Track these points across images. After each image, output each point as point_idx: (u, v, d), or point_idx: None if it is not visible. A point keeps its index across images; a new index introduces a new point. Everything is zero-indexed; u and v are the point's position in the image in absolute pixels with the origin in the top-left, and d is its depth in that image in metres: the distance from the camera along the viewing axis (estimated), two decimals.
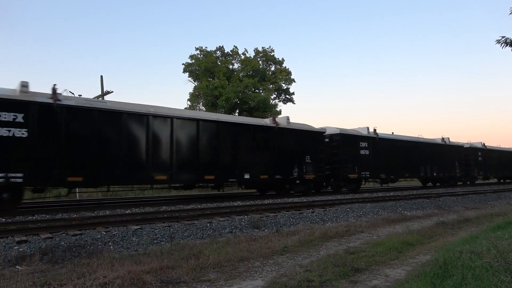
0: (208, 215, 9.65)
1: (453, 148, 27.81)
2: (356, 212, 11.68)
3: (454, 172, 27.31)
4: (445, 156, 26.51)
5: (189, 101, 35.57)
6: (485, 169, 30.95)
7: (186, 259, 5.51)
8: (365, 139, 20.66)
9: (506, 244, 4.52)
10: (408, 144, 24.05)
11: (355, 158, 19.70)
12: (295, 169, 16.50)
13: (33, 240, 6.62)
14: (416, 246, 6.73)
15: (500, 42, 9.54)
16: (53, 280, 4.41)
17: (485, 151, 31.20)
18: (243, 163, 14.69)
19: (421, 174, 24.48)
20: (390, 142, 22.66)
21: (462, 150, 28.85)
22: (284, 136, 16.39)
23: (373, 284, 4.42)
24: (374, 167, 20.77)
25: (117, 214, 9.83)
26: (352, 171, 19.43)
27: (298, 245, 6.80)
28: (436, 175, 25.65)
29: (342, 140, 19.25)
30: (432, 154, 25.31)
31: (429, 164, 24.90)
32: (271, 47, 38.13)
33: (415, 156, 23.96)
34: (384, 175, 21.73)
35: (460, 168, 27.88)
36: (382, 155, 21.39)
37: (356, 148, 19.92)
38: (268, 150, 15.66)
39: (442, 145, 26.88)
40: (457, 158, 27.76)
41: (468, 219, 10.54)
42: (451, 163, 27.22)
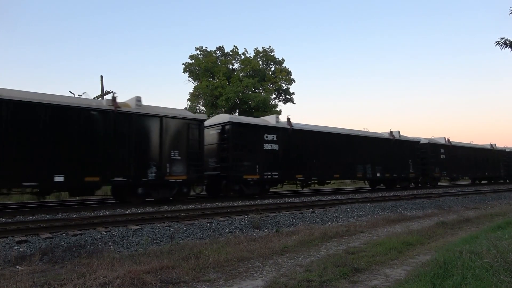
0: (208, 215, 9.65)
1: (405, 143, 23.37)
2: (356, 212, 11.68)
3: (406, 172, 23.06)
4: (394, 154, 22.31)
5: (189, 101, 35.62)
6: (450, 168, 26.72)
7: (186, 259, 5.51)
8: (273, 130, 16.22)
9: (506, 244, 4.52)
10: (337, 138, 19.32)
11: (256, 154, 15.42)
12: (151, 169, 12.46)
13: (33, 240, 6.62)
14: (416, 246, 6.72)
15: (500, 44, 9.56)
16: (53, 280, 4.41)
17: (450, 148, 27.15)
18: None
19: (357, 175, 20.08)
20: (311, 135, 17.88)
21: (418, 147, 24.68)
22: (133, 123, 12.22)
23: (373, 284, 4.42)
24: (287, 167, 16.47)
25: (117, 214, 9.83)
26: (251, 171, 15.18)
27: (298, 245, 6.80)
28: (381, 176, 21.41)
29: (236, 130, 14.83)
30: (375, 150, 21.12)
31: (371, 163, 20.70)
32: (271, 47, 38.24)
33: (349, 153, 19.60)
34: (302, 176, 17.20)
35: (415, 167, 23.71)
36: (299, 151, 17.16)
37: (258, 141, 15.58)
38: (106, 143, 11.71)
39: (389, 140, 22.34)
40: (411, 156, 23.54)
41: (468, 219, 10.53)
42: (403, 161, 22.97)
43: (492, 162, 32.23)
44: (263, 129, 16.03)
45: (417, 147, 24.52)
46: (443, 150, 26.53)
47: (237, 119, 15.65)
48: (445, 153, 26.58)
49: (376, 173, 21.13)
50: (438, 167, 25.79)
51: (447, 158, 26.61)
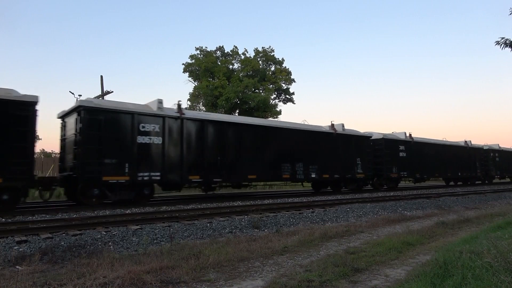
0: (208, 215, 9.66)
1: (351, 139, 19.67)
2: (356, 212, 11.68)
3: (353, 173, 19.43)
4: (336, 150, 18.76)
5: (189, 101, 35.62)
6: (412, 168, 23.38)
7: (186, 259, 5.51)
8: (152, 119, 12.87)
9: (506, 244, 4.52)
10: (253, 130, 15.73)
11: (124, 149, 12.13)
12: None
13: (33, 240, 6.62)
14: (416, 246, 6.72)
15: (500, 43, 9.57)
16: (53, 280, 4.41)
17: (412, 144, 23.79)
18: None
19: (283, 175, 16.53)
20: (215, 127, 14.56)
21: (368, 143, 20.70)
22: None
23: (373, 284, 4.42)
24: (177, 165, 13.31)
25: (117, 214, 9.83)
26: (115, 171, 11.87)
27: (298, 245, 6.80)
28: (317, 177, 17.85)
29: (91, 118, 11.62)
30: (309, 147, 17.60)
31: (303, 161, 17.21)
32: (271, 47, 38.19)
33: (270, 149, 16.11)
34: (199, 177, 13.84)
35: (366, 167, 20.06)
36: (196, 146, 13.90)
37: (127, 132, 12.26)
38: None
39: (328, 135, 18.65)
40: (359, 154, 19.89)
41: (468, 219, 10.53)
42: (348, 160, 19.16)
43: (467, 161, 29.11)
44: (137, 117, 12.46)
45: (367, 143, 20.64)
46: (402, 147, 23.01)
47: (91, 103, 11.92)
48: (406, 150, 23.12)
49: (310, 174, 17.35)
50: (396, 167, 22.12)
51: (408, 156, 23.13)
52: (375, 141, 21.79)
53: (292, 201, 13.80)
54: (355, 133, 20.26)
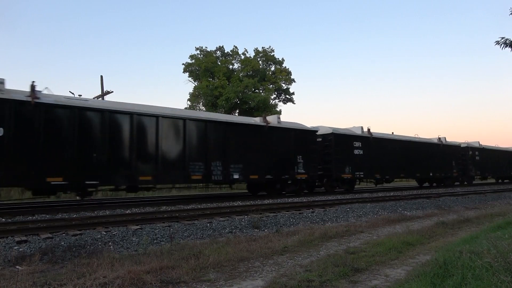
0: (208, 215, 9.66)
1: (287, 133, 16.60)
2: (356, 212, 11.68)
3: (292, 173, 16.39)
4: (265, 147, 15.71)
5: (189, 101, 35.64)
6: (370, 167, 20.61)
7: (186, 259, 5.51)
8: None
9: (506, 244, 4.52)
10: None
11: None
12: None
13: (33, 240, 6.62)
14: (416, 246, 6.73)
15: (500, 43, 9.58)
16: (53, 280, 4.41)
17: (370, 141, 20.68)
18: None
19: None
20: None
21: (313, 138, 17.76)
22: None
23: (373, 284, 4.42)
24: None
25: (117, 214, 9.84)
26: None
27: (298, 245, 6.80)
28: (241, 177, 14.84)
29: None
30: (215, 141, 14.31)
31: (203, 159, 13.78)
32: (271, 47, 38.20)
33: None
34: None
35: (310, 167, 17.02)
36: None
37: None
38: None
39: (246, 127, 15.38)
40: (300, 151, 16.84)
41: (468, 219, 10.53)
42: (284, 159, 16.31)
43: (441, 160, 26.09)
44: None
45: (312, 138, 17.67)
46: (358, 143, 20.06)
47: None
48: (363, 147, 20.18)
49: (232, 174, 14.36)
50: (350, 166, 19.30)
51: (365, 154, 20.22)
52: (324, 136, 18.83)
53: (292, 201, 13.80)
54: (296, 127, 17.14)
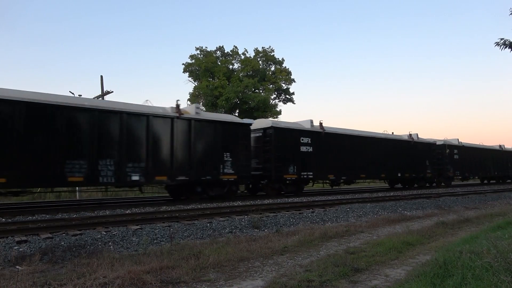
0: (208, 215, 9.66)
1: (208, 126, 14.16)
2: (356, 212, 11.68)
3: (216, 174, 14.01)
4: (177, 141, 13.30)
5: (189, 101, 35.64)
6: (323, 167, 17.92)
7: (186, 259, 5.51)
8: None
9: (506, 244, 4.52)
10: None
11: None
12: None
13: (33, 240, 6.62)
14: (416, 246, 6.73)
15: (499, 44, 9.61)
16: (53, 280, 4.41)
17: (322, 136, 18.06)
18: None
19: None
20: None
21: (243, 132, 15.17)
22: None
23: (373, 284, 4.42)
24: None
25: (117, 214, 9.84)
26: None
27: (298, 245, 6.80)
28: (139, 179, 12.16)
29: None
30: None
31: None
32: (271, 47, 38.26)
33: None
34: None
35: (238, 166, 14.64)
36: None
37: None
38: None
39: (134, 117, 12.30)
40: (226, 147, 14.49)
41: (468, 219, 10.53)
42: (207, 156, 13.94)
43: (413, 159, 23.60)
44: None
45: (244, 133, 15.13)
46: (307, 140, 17.39)
47: None
48: (313, 143, 17.50)
49: (129, 175, 11.87)
50: (295, 166, 16.61)
51: (315, 152, 17.57)
52: (265, 131, 16.32)
53: (292, 201, 13.81)
54: (222, 119, 14.87)
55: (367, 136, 21.02)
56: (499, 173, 33.12)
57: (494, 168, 32.00)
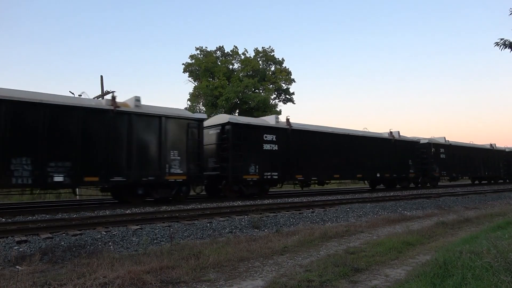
0: (208, 215, 9.66)
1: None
2: (356, 212, 11.68)
3: (161, 174, 12.57)
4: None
5: (189, 101, 35.66)
6: (287, 166, 16.32)
7: (186, 259, 5.51)
8: None
9: (506, 244, 4.52)
10: None
11: None
12: None
13: (33, 240, 6.62)
14: (416, 246, 6.72)
15: (499, 44, 9.62)
16: (53, 280, 4.41)
17: (289, 133, 16.57)
18: None
19: None
20: None
21: (185, 124, 13.43)
22: None
23: (373, 284, 4.42)
24: None
25: (117, 214, 9.83)
26: None
27: (298, 245, 6.80)
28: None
29: None
30: None
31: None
32: (271, 47, 38.29)
33: None
34: None
35: (186, 164, 13.18)
36: None
37: None
38: None
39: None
40: (177, 145, 13.12)
41: (468, 219, 10.53)
42: (161, 155, 12.67)
43: (394, 158, 21.93)
44: None
45: (194, 129, 13.68)
46: (271, 137, 15.86)
47: None
48: (278, 141, 16.06)
49: (51, 176, 10.53)
50: (256, 165, 15.23)
51: (281, 150, 16.11)
52: (223, 127, 15.12)
53: (292, 201, 13.81)
54: (167, 113, 13.15)
55: (341, 134, 19.54)
56: (490, 173, 31.80)
57: (485, 168, 30.83)
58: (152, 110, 12.90)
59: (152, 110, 12.89)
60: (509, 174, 34.29)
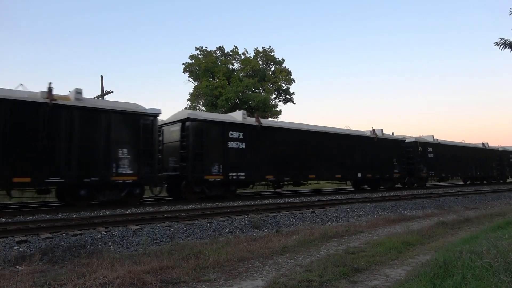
0: (208, 215, 9.66)
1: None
2: (356, 212, 11.68)
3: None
4: None
5: (189, 101, 35.65)
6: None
7: (186, 259, 5.51)
8: None
9: (506, 244, 4.52)
10: None
11: None
12: None
13: (33, 240, 6.62)
14: (416, 246, 6.72)
15: (499, 44, 9.64)
16: (53, 280, 4.41)
17: (257, 129, 15.45)
18: None
19: None
20: None
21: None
22: None
23: (373, 284, 4.42)
24: None
25: (117, 214, 9.84)
26: None
27: (298, 245, 6.80)
28: None
29: None
30: None
31: None
32: (271, 47, 38.27)
33: None
34: None
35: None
36: None
37: None
38: None
39: None
40: (122, 142, 11.91)
41: (468, 219, 10.53)
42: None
43: (377, 158, 20.56)
44: None
45: (146, 125, 12.42)
46: (238, 134, 14.91)
47: None
48: (246, 139, 15.05)
49: None
50: (220, 164, 14.15)
51: (249, 149, 15.10)
52: (183, 123, 14.02)
53: (292, 201, 13.81)
54: (114, 107, 11.96)
55: (318, 131, 18.14)
56: (482, 173, 30.36)
57: (477, 168, 29.46)
58: (97, 104, 11.90)
59: (96, 104, 11.86)
60: (502, 174, 33.01)
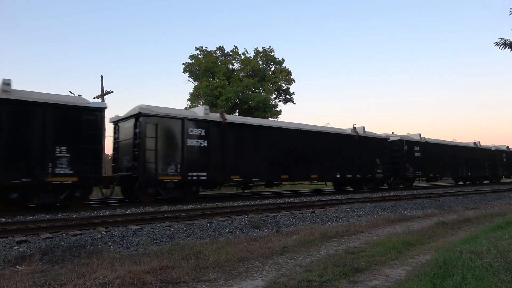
0: (208, 215, 9.66)
1: None
2: (356, 212, 11.68)
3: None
4: None
5: (189, 101, 35.64)
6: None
7: (186, 259, 5.51)
8: None
9: (506, 244, 4.52)
10: None
11: None
12: None
13: (33, 240, 6.63)
14: (416, 246, 6.72)
15: (499, 44, 9.65)
16: (53, 280, 4.41)
17: (225, 127, 14.51)
18: None
19: None
20: None
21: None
22: None
23: (373, 284, 4.42)
24: None
25: (117, 214, 9.84)
26: None
27: (298, 245, 6.80)
28: None
29: None
30: None
31: None
32: (271, 47, 38.24)
33: None
34: None
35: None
36: None
37: None
38: None
39: None
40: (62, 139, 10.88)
41: (468, 219, 10.53)
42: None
43: (358, 157, 19.61)
44: None
45: (88, 121, 11.35)
46: (198, 131, 13.86)
47: None
48: (208, 137, 14.01)
49: None
50: (178, 164, 13.20)
51: (212, 147, 14.08)
52: (136, 118, 12.96)
53: (292, 201, 13.81)
54: (51, 100, 10.86)
55: (291, 129, 17.02)
56: (474, 173, 29.07)
57: (468, 167, 28.15)
58: (30, 97, 10.54)
59: (29, 97, 10.51)
60: (495, 174, 31.57)
